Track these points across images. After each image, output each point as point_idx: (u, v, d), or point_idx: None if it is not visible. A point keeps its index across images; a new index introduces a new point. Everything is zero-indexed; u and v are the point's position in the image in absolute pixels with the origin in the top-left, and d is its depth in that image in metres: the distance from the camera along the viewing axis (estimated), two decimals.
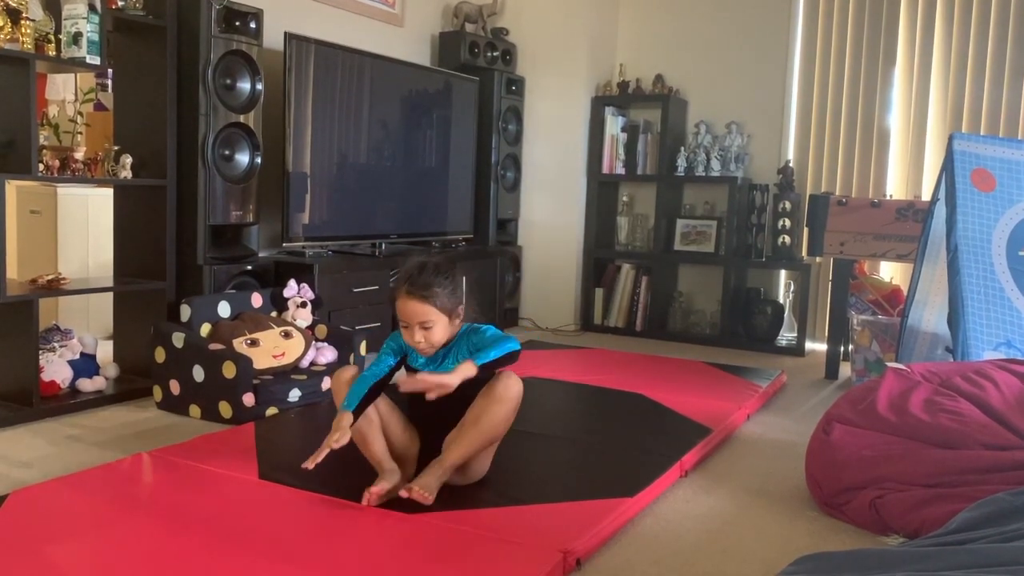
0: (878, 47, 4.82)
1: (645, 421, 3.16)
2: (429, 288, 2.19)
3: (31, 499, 2.17)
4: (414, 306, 2.20)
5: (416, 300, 2.20)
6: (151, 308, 3.43)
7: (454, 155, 4.92)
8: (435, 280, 2.20)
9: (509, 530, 2.06)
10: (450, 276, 2.24)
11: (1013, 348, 3.00)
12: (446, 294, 2.21)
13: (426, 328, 2.21)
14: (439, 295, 2.20)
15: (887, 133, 4.84)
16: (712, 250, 5.09)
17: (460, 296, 2.25)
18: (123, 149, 3.36)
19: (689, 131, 5.27)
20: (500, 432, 2.28)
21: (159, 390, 3.21)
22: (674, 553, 2.07)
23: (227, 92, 3.54)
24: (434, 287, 2.20)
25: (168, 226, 3.45)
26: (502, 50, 5.25)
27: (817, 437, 2.52)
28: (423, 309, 2.19)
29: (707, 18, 5.23)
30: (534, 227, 5.43)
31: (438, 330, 2.23)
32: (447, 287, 2.22)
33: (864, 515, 2.25)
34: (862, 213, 4.09)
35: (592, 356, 4.38)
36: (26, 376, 3.00)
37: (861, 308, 4.32)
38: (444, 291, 2.21)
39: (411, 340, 2.24)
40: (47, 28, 3.01)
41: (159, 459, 2.50)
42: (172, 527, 2.02)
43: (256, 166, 3.67)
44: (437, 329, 2.22)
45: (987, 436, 2.28)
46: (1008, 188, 3.22)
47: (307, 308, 3.57)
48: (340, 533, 2.02)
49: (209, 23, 3.42)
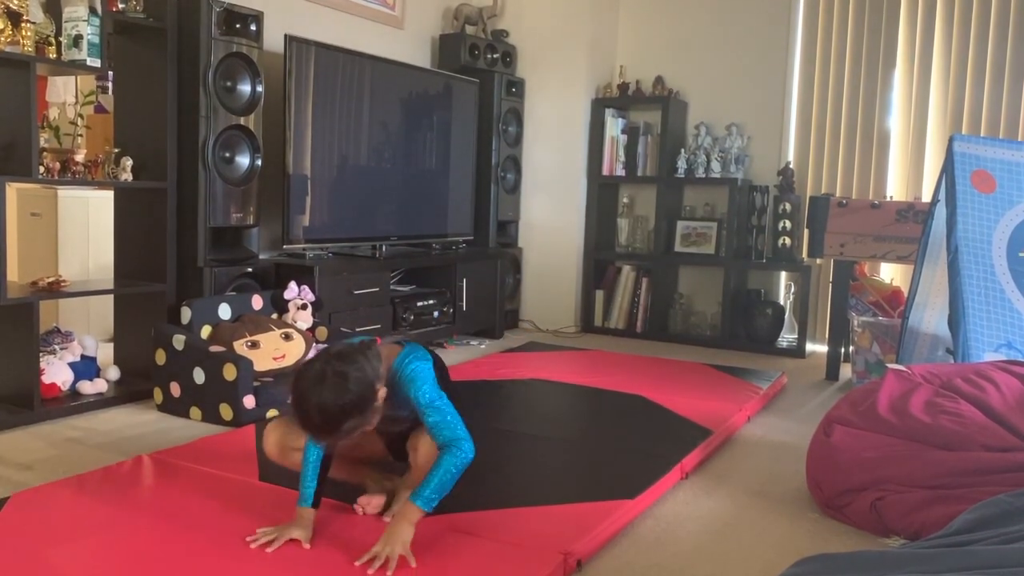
0: (878, 49, 4.82)
1: (646, 423, 3.16)
2: (338, 429, 1.86)
3: (32, 501, 2.17)
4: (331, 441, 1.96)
5: (331, 440, 1.94)
6: (152, 310, 3.43)
7: (454, 157, 4.92)
8: (340, 419, 1.85)
9: (510, 532, 2.06)
10: (352, 397, 1.85)
11: (1013, 349, 3.00)
12: (357, 421, 1.87)
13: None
14: (352, 426, 1.87)
15: (887, 135, 4.84)
16: (712, 252, 5.09)
17: (371, 391, 1.89)
18: (123, 151, 3.36)
19: (689, 133, 5.27)
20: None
21: (160, 392, 3.21)
22: (675, 555, 2.07)
23: (227, 94, 3.55)
24: (343, 426, 1.86)
25: (168, 228, 3.45)
26: (502, 52, 5.25)
27: (818, 439, 2.52)
28: (341, 439, 1.93)
29: (707, 20, 5.23)
30: (534, 229, 5.43)
31: (365, 430, 1.95)
32: (357, 414, 1.86)
33: (865, 517, 2.24)
34: (862, 214, 4.09)
35: (593, 358, 4.38)
36: (27, 378, 3.01)
37: (861, 309, 4.32)
38: (356, 420, 1.87)
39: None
40: (48, 31, 3.01)
41: (160, 461, 2.50)
42: (173, 530, 2.02)
43: (256, 168, 3.67)
44: (364, 431, 1.95)
45: (988, 438, 2.28)
46: (1008, 189, 3.23)
47: (307, 310, 3.57)
48: (340, 536, 2.02)
49: (209, 25, 3.43)
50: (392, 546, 1.88)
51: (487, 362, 4.15)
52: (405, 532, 1.91)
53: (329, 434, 1.90)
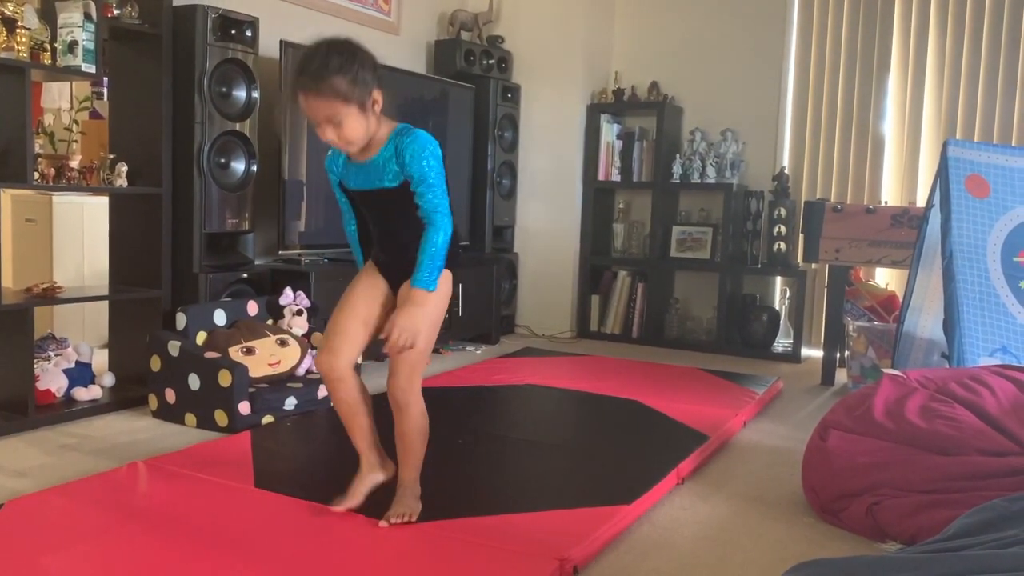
0: (872, 54, 4.84)
1: (642, 428, 3.16)
2: (322, 78, 1.90)
3: (26, 509, 2.16)
4: (312, 102, 1.94)
5: (311, 95, 1.92)
6: (147, 316, 3.43)
7: (450, 163, 4.87)
8: (329, 65, 1.90)
9: (506, 538, 2.05)
10: (349, 58, 1.92)
11: (1008, 354, 3.00)
12: (346, 81, 1.91)
13: (336, 124, 1.96)
14: (337, 83, 1.90)
15: (882, 140, 4.85)
16: (708, 257, 5.10)
17: (370, 80, 1.94)
18: (119, 157, 3.35)
19: (684, 138, 5.28)
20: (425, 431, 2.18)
21: (155, 399, 3.20)
22: (671, 560, 2.07)
23: (223, 100, 3.54)
24: (329, 76, 1.90)
25: (164, 234, 3.45)
26: (498, 58, 5.26)
27: (813, 444, 2.52)
28: (322, 103, 1.92)
29: (702, 26, 5.25)
30: (530, 234, 5.43)
31: (350, 124, 1.96)
32: (348, 72, 1.91)
33: (861, 522, 2.25)
34: (857, 219, 4.10)
35: (589, 363, 4.38)
36: (21, 385, 2.99)
37: (857, 314, 4.32)
38: (345, 77, 1.90)
39: (325, 139, 2.00)
40: (43, 37, 3.01)
41: (155, 468, 2.49)
42: (168, 536, 2.01)
43: (252, 174, 3.66)
44: (348, 123, 1.95)
45: (983, 442, 2.28)
46: (1002, 194, 3.23)
47: (303, 316, 3.57)
48: (337, 542, 2.02)
49: (205, 31, 3.43)
50: (406, 331, 1.99)
51: (483, 368, 4.15)
52: (416, 316, 2.01)
53: (310, 77, 1.90)
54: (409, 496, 2.17)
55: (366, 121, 1.99)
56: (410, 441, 2.16)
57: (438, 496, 2.25)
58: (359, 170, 2.11)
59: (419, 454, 2.19)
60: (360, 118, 1.97)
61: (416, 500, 2.18)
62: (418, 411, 2.15)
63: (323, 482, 2.31)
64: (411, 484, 2.19)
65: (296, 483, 2.39)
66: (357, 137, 2.00)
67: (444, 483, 2.43)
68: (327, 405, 3.26)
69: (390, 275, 2.19)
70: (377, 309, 2.17)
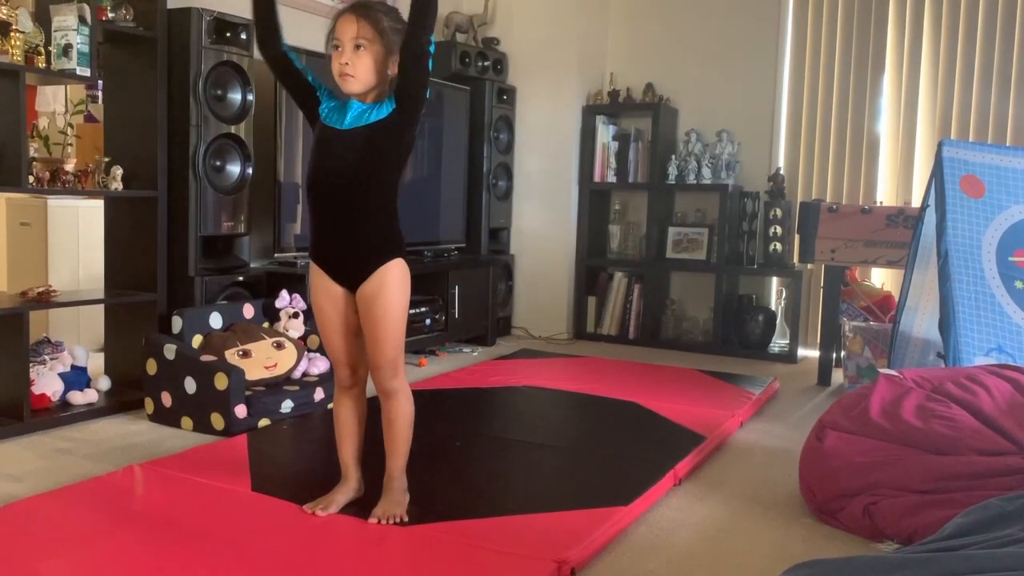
0: (867, 54, 4.85)
1: (638, 429, 3.16)
2: (375, 9, 2.10)
3: (22, 513, 2.15)
4: (353, 23, 2.07)
5: (358, 16, 2.07)
6: (142, 320, 3.42)
7: (446, 164, 4.92)
8: (383, 8, 2.12)
9: (503, 540, 2.05)
10: (398, 16, 2.13)
11: (1004, 353, 3.01)
12: (389, 25, 2.09)
13: (357, 49, 2.06)
14: (383, 20, 2.09)
15: (877, 140, 4.86)
16: (704, 257, 5.10)
17: (399, 42, 2.09)
18: (114, 160, 3.35)
19: (680, 139, 5.28)
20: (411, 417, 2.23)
21: (151, 402, 3.19)
22: (668, 562, 2.07)
23: (218, 103, 3.54)
24: (379, 13, 2.09)
25: (159, 237, 3.44)
26: (493, 59, 5.26)
27: (810, 444, 2.52)
28: (362, 26, 2.06)
29: (697, 27, 5.25)
30: (526, 236, 5.43)
31: (367, 58, 2.07)
32: (393, 21, 2.11)
33: (858, 522, 2.25)
34: (853, 220, 4.10)
35: (585, 364, 4.38)
36: (16, 389, 2.99)
37: (853, 314, 4.33)
38: (390, 21, 2.10)
39: (338, 62, 2.08)
40: (37, 40, 3.00)
41: (151, 472, 2.48)
42: (164, 540, 2.01)
43: (247, 177, 3.66)
44: (367, 56, 2.07)
45: (979, 441, 2.28)
46: (997, 194, 3.24)
47: (299, 319, 3.56)
48: (333, 546, 2.01)
49: (200, 34, 3.42)
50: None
51: (479, 369, 4.14)
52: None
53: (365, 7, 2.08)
54: (397, 489, 2.20)
55: (378, 68, 2.09)
56: (398, 429, 2.20)
57: (435, 498, 2.25)
58: (349, 109, 2.14)
59: (407, 441, 2.22)
60: (378, 60, 2.08)
61: (404, 492, 2.21)
62: (405, 397, 2.21)
63: (320, 485, 2.30)
64: (399, 475, 2.21)
65: (293, 486, 2.39)
66: (365, 72, 2.08)
67: (441, 485, 2.43)
68: (323, 408, 3.26)
69: (342, 271, 2.23)
70: (351, 316, 2.24)
